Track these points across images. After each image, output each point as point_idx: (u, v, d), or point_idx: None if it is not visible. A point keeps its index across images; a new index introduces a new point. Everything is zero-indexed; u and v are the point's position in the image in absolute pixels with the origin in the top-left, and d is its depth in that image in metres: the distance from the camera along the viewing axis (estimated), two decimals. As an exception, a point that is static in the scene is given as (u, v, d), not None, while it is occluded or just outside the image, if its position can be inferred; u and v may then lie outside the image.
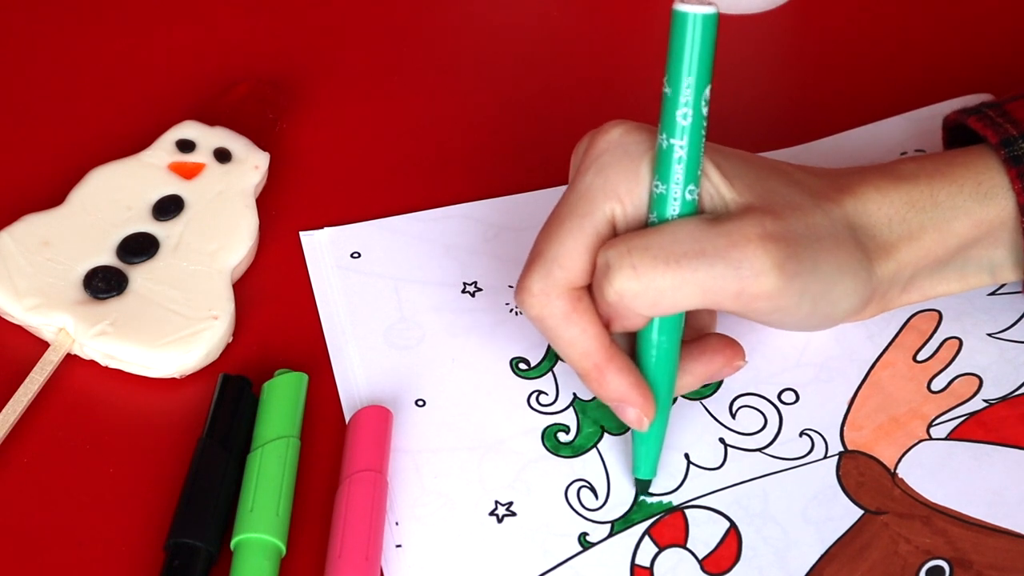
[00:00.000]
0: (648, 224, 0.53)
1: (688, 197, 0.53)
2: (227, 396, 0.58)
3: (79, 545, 0.55)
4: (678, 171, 0.52)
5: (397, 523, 0.56)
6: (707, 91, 0.52)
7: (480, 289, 0.63)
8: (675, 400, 0.59)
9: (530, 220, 0.65)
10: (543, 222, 0.63)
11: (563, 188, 0.66)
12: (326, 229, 0.65)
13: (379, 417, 0.57)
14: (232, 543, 0.54)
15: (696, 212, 0.53)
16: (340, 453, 0.57)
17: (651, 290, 0.51)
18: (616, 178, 0.53)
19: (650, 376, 0.55)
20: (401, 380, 0.60)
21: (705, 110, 0.52)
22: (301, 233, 0.65)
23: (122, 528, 0.55)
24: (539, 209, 0.65)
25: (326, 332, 0.62)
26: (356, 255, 0.64)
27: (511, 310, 0.63)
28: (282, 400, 0.58)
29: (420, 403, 0.60)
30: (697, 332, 0.58)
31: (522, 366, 0.61)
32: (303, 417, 0.58)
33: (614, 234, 0.54)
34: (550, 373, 0.61)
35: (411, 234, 0.65)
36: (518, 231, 0.65)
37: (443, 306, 0.63)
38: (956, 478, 0.57)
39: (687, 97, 0.52)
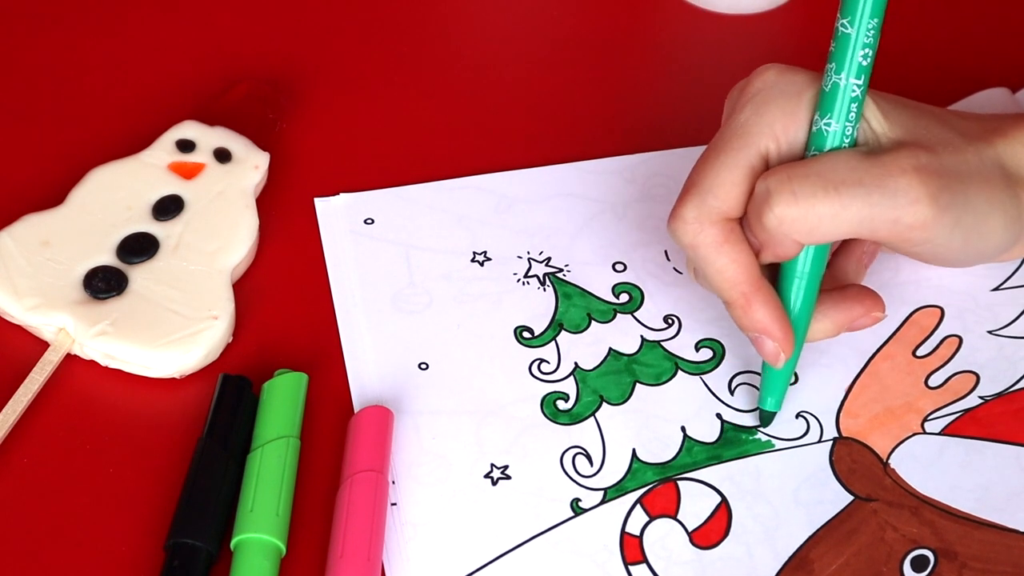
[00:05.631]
0: (806, 158, 0.55)
1: (855, 134, 0.55)
2: (227, 396, 0.58)
3: (79, 545, 0.55)
4: (853, 109, 0.54)
5: (394, 482, 0.57)
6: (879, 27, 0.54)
7: (489, 259, 0.64)
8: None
9: (542, 192, 0.67)
10: (555, 195, 0.64)
11: (574, 163, 0.68)
12: (341, 195, 0.66)
13: (380, 417, 0.57)
14: (232, 543, 0.54)
15: (851, 147, 0.55)
16: (340, 453, 0.57)
17: (810, 216, 0.53)
18: (773, 115, 0.55)
19: (789, 311, 0.56)
20: (406, 343, 0.61)
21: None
22: (316, 199, 0.66)
23: (122, 528, 0.56)
24: (551, 182, 0.67)
25: (335, 296, 0.63)
26: (370, 221, 0.65)
27: (518, 280, 0.63)
28: (282, 400, 0.58)
29: (423, 366, 0.60)
30: (839, 283, 0.59)
31: (526, 334, 0.62)
32: (303, 417, 0.58)
33: (766, 169, 0.55)
34: (553, 342, 0.61)
35: (424, 203, 0.66)
36: (529, 203, 0.66)
37: (452, 274, 0.64)
38: (947, 472, 0.57)
39: (868, 38, 0.53)
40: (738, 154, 0.55)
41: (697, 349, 0.61)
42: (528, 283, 0.64)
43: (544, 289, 0.63)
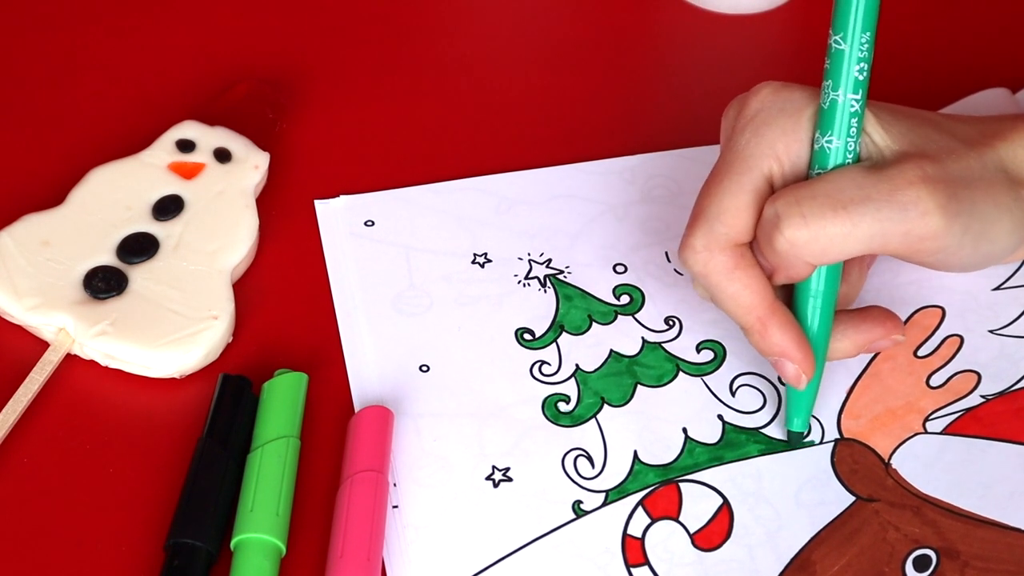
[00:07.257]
0: (810, 177, 0.55)
1: (857, 149, 0.55)
2: (227, 396, 0.58)
3: (79, 545, 0.55)
4: (853, 124, 0.54)
5: (395, 484, 0.57)
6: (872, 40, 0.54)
7: (490, 260, 0.64)
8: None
9: (542, 194, 0.67)
10: (555, 196, 0.64)
11: (574, 164, 0.68)
12: (341, 197, 0.66)
13: (380, 417, 0.57)
14: (232, 543, 0.54)
15: (854, 162, 0.55)
16: (340, 453, 0.57)
17: (821, 237, 0.53)
18: (773, 136, 0.55)
19: (807, 331, 0.56)
20: (407, 345, 0.61)
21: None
22: (316, 201, 0.66)
23: (122, 528, 0.56)
24: (551, 183, 0.67)
25: (335, 298, 0.63)
26: (370, 223, 0.65)
27: (519, 281, 0.63)
28: (282, 400, 0.58)
29: (424, 368, 0.60)
30: (842, 303, 0.59)
31: (527, 336, 0.62)
32: (303, 417, 0.58)
33: (771, 191, 0.55)
34: (554, 344, 0.61)
35: (424, 205, 0.66)
36: (530, 204, 0.66)
37: (452, 276, 0.64)
38: (949, 472, 0.58)
39: (863, 52, 0.53)
40: (742, 178, 0.55)
41: (698, 350, 0.61)
42: (529, 285, 0.63)
43: (545, 291, 0.63)
